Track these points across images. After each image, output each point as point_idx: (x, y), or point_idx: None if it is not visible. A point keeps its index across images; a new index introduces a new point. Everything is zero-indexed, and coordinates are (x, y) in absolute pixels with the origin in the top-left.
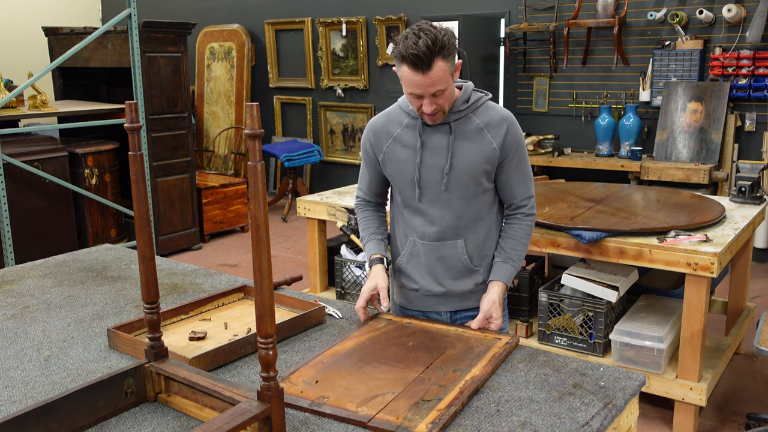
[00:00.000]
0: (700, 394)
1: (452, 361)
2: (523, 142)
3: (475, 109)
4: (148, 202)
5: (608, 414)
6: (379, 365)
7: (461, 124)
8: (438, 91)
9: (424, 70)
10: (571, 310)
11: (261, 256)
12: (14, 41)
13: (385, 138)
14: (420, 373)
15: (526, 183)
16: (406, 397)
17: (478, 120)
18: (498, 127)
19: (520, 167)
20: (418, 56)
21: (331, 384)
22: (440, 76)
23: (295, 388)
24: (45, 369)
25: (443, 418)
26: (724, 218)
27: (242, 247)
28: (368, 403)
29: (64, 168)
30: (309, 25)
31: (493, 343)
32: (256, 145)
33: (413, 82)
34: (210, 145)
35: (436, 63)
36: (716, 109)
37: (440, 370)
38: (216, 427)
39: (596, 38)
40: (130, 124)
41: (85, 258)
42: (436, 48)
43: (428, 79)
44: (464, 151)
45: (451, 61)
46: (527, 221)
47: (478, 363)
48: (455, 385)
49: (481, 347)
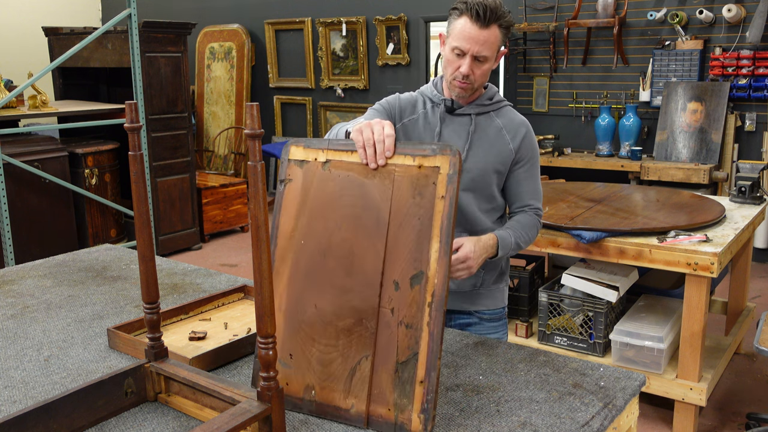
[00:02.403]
0: (700, 394)
1: (401, 247)
2: (538, 153)
3: (497, 109)
4: (148, 202)
5: (608, 414)
6: (331, 289)
7: (483, 120)
8: (482, 56)
9: (482, 24)
10: (571, 310)
11: (261, 256)
12: (14, 41)
13: (410, 112)
14: (378, 298)
15: (535, 194)
16: (382, 363)
17: (499, 120)
18: (517, 130)
19: (531, 176)
20: (485, 9)
21: (305, 357)
22: (492, 42)
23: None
24: (45, 369)
25: (430, 397)
26: (724, 218)
27: (242, 247)
28: (352, 388)
29: (64, 168)
30: (309, 25)
31: (431, 179)
32: (256, 145)
33: (466, 35)
34: (210, 145)
35: (494, 26)
36: (716, 109)
37: (396, 288)
38: (216, 427)
39: (596, 38)
40: (130, 124)
41: (85, 258)
42: (499, 14)
43: (482, 35)
44: (480, 146)
45: (503, 38)
46: (534, 218)
47: (431, 253)
48: (421, 322)
49: (422, 207)
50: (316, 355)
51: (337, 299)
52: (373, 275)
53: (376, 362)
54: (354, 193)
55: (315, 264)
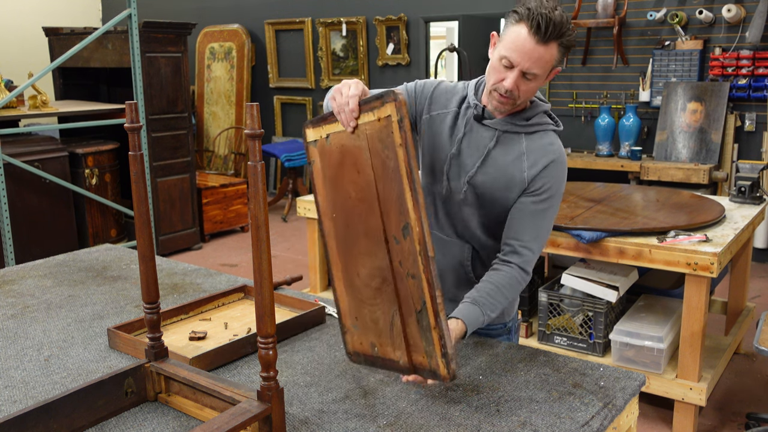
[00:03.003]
0: (699, 394)
1: (389, 203)
2: (560, 193)
3: (530, 132)
4: (148, 202)
5: (608, 414)
6: (359, 255)
7: (507, 139)
8: (532, 74)
9: (541, 39)
10: (571, 310)
11: (261, 256)
12: (14, 41)
13: (442, 105)
14: (388, 254)
15: (536, 238)
16: (408, 315)
17: (525, 144)
18: (540, 158)
19: (539, 215)
20: (547, 22)
21: (363, 318)
22: (547, 60)
23: (354, 337)
24: (45, 369)
25: (443, 342)
26: (724, 218)
27: (242, 247)
28: (394, 340)
29: (65, 168)
30: (309, 25)
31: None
32: (256, 145)
33: (519, 47)
34: (210, 145)
35: (553, 43)
36: (716, 109)
37: (396, 242)
38: (216, 427)
39: (596, 38)
40: (130, 124)
41: (85, 258)
42: (563, 30)
43: (538, 51)
44: (493, 166)
45: (560, 57)
46: (518, 275)
47: (407, 202)
48: (419, 271)
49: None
50: (368, 315)
51: (366, 263)
52: (379, 234)
53: (403, 315)
54: (349, 160)
55: (345, 234)
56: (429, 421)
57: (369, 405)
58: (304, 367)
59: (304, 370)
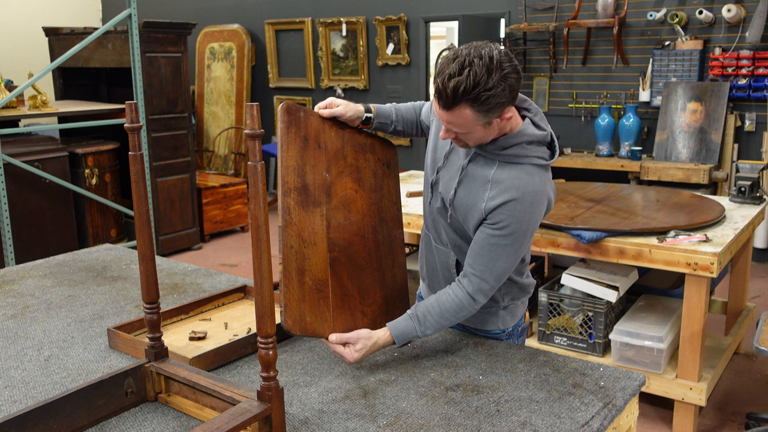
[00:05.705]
0: (699, 394)
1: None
2: (523, 232)
3: (505, 162)
4: (148, 202)
5: (608, 414)
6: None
7: (481, 161)
8: (455, 133)
9: (443, 106)
10: (571, 310)
11: (261, 256)
12: (14, 41)
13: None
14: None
15: (487, 271)
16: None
17: (494, 172)
18: (502, 192)
19: (494, 250)
20: (446, 91)
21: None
22: (459, 122)
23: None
24: (45, 369)
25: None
26: (724, 218)
27: (242, 247)
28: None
29: (65, 168)
30: (309, 25)
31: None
32: (256, 145)
33: (435, 108)
34: (210, 145)
35: (459, 108)
36: (716, 109)
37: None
38: (216, 426)
39: (596, 38)
40: (130, 124)
41: (85, 258)
42: (466, 96)
43: (445, 116)
44: (466, 187)
45: (483, 113)
46: (465, 302)
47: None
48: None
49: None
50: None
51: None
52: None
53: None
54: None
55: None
56: (429, 421)
57: (369, 405)
58: (304, 367)
59: (304, 370)
